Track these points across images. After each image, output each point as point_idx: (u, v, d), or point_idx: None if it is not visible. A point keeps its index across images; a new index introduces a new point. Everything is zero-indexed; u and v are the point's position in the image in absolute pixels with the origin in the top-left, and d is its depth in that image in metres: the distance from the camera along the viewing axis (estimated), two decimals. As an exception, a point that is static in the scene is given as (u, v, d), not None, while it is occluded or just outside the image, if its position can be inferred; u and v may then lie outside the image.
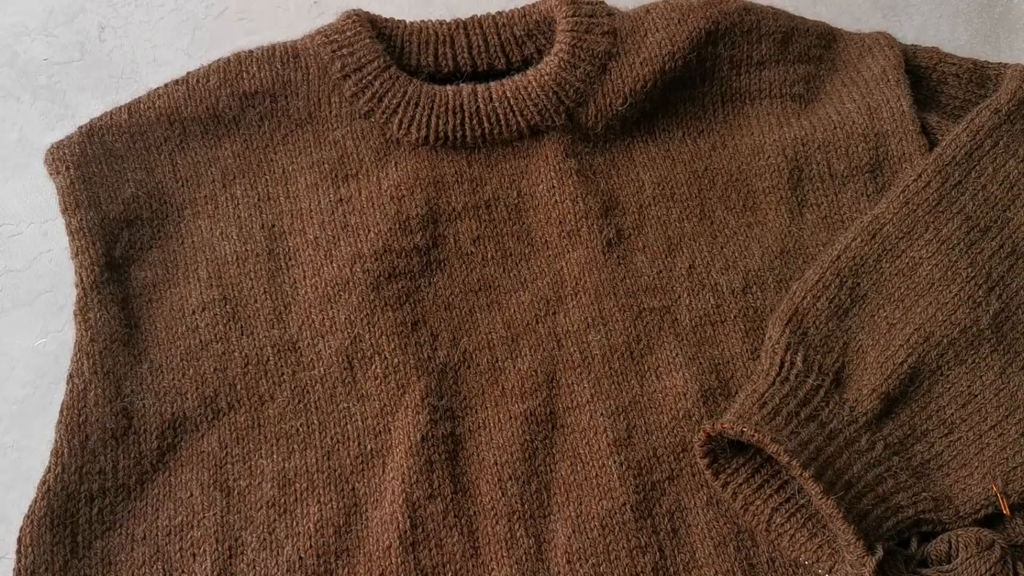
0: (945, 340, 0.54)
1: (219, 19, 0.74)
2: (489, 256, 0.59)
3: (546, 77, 0.60)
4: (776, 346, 0.54)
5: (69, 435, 0.52)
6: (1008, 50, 0.77)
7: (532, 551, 0.52)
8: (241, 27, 0.74)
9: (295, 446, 0.54)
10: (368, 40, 0.60)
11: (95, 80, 0.72)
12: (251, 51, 0.60)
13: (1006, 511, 0.51)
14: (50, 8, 0.73)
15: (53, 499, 0.51)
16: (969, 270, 0.55)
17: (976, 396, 0.53)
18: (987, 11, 0.78)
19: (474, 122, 0.60)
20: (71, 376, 0.53)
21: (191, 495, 0.53)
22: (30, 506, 0.51)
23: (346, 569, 0.51)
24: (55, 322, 0.67)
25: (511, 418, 0.55)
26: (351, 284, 0.57)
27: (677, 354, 0.57)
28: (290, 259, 0.58)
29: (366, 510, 0.53)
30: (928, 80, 0.66)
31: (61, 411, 0.53)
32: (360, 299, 0.56)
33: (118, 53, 0.73)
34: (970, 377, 0.53)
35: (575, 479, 0.54)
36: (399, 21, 0.63)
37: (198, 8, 0.74)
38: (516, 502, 0.53)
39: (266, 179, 0.60)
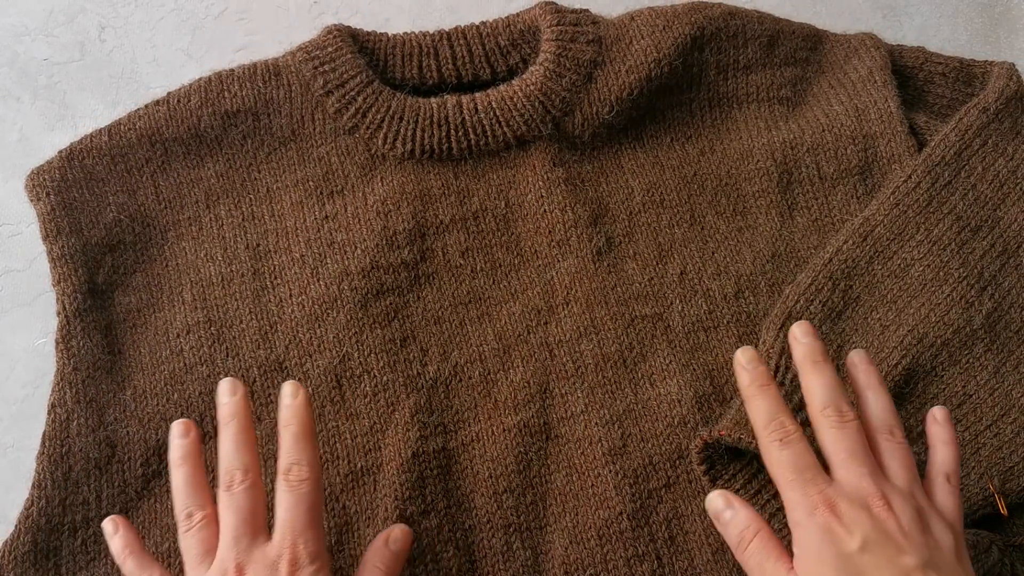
0: (939, 341, 0.54)
1: (219, 19, 0.74)
2: (478, 268, 0.59)
3: (532, 87, 0.60)
4: (770, 351, 0.54)
5: (52, 467, 0.52)
6: (1008, 50, 0.77)
7: (529, 563, 0.52)
8: (241, 27, 0.74)
9: (283, 467, 0.54)
10: (350, 55, 0.60)
11: (95, 80, 0.71)
12: (232, 70, 0.60)
13: (1003, 511, 0.51)
14: (50, 8, 0.73)
15: (37, 533, 0.51)
16: (961, 270, 0.55)
17: (971, 396, 0.53)
18: (987, 11, 0.77)
19: (460, 134, 0.59)
20: (53, 406, 0.53)
21: None
22: (11, 538, 0.50)
23: (341, 588, 0.51)
24: (55, 322, 0.66)
25: (505, 430, 0.54)
26: (339, 302, 0.56)
27: (671, 361, 0.56)
28: (276, 278, 0.58)
29: (358, 528, 0.52)
30: (915, 80, 0.65)
31: (43, 441, 0.52)
32: (348, 317, 0.56)
33: (118, 53, 0.72)
34: (964, 377, 0.53)
35: (571, 489, 0.53)
36: (381, 34, 0.62)
37: (198, 8, 0.74)
38: (512, 514, 0.52)
39: (250, 198, 0.59)
